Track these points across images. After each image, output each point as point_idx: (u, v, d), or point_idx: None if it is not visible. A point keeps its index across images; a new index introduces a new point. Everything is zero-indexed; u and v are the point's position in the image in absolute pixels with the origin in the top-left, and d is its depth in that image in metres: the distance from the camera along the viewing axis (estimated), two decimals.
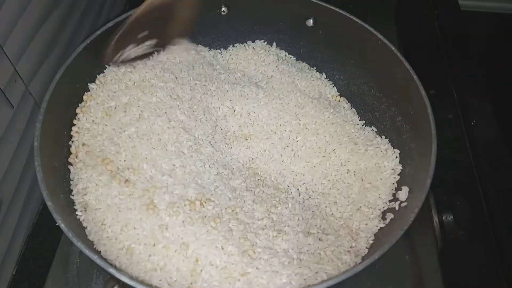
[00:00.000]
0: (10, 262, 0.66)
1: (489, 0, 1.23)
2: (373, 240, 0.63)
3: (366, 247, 0.62)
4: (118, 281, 0.49)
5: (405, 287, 0.67)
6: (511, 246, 0.70)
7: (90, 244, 0.57)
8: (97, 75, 0.71)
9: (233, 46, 0.82)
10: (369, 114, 0.76)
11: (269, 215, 0.62)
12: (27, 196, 0.69)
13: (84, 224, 0.59)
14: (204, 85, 0.74)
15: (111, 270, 0.49)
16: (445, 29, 1.00)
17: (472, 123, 0.84)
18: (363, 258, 0.60)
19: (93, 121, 0.67)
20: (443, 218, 0.68)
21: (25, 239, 0.69)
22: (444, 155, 0.77)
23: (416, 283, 0.67)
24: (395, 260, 0.68)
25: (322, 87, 0.80)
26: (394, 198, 0.66)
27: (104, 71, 0.72)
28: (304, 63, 0.82)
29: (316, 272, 0.58)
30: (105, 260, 0.54)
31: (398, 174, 0.68)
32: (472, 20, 1.12)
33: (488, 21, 1.25)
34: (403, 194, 0.64)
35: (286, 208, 0.64)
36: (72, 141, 0.66)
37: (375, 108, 0.75)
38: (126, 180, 0.61)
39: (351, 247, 0.62)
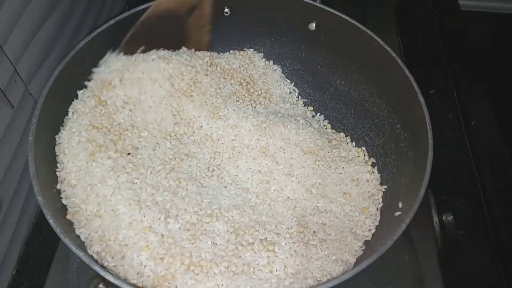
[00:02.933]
0: (10, 262, 0.66)
1: (489, 0, 1.23)
2: (363, 250, 0.63)
3: (356, 255, 0.63)
4: (103, 279, 0.49)
5: (405, 287, 0.67)
6: (511, 246, 0.70)
7: (80, 242, 0.57)
8: None
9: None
10: (368, 121, 0.76)
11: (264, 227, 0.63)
12: (27, 196, 0.69)
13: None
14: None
15: (96, 268, 0.49)
16: (445, 29, 1.00)
17: (472, 123, 0.84)
18: (354, 265, 0.61)
19: None
20: (443, 218, 0.68)
21: (25, 239, 0.69)
22: (444, 155, 0.77)
23: (416, 283, 0.67)
24: (395, 260, 0.68)
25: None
26: None
27: None
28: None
29: (313, 274, 0.58)
30: (91, 257, 0.54)
31: (392, 183, 0.69)
32: (472, 20, 1.12)
33: (488, 21, 1.25)
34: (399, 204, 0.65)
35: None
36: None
37: (375, 114, 0.75)
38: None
39: (346, 251, 0.62)
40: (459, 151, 0.81)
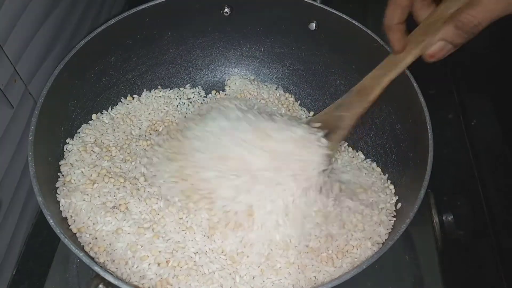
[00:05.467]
0: (10, 262, 0.66)
1: None
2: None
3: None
4: (103, 279, 0.49)
5: (405, 287, 0.67)
6: (511, 246, 0.70)
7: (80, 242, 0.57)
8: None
9: None
10: (369, 121, 0.76)
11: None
12: (27, 196, 0.69)
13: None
14: None
15: (96, 268, 0.49)
16: None
17: (472, 123, 0.84)
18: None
19: None
20: (443, 218, 0.68)
21: (25, 239, 0.69)
22: (444, 155, 0.77)
23: (416, 283, 0.67)
24: (395, 260, 0.68)
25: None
26: None
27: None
28: None
29: (315, 276, 0.58)
30: (91, 257, 0.53)
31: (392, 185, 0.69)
32: None
33: None
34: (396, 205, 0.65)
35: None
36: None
37: (375, 114, 0.74)
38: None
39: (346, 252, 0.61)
40: (459, 151, 0.81)
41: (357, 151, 0.76)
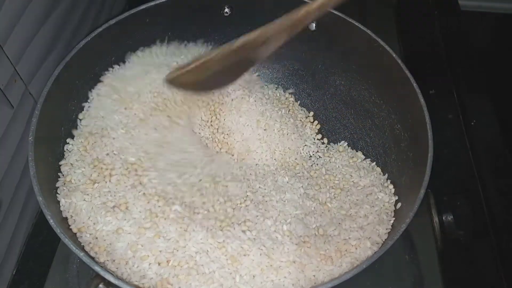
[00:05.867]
0: (10, 262, 0.66)
1: (489, 0, 1.23)
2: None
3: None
4: (103, 279, 0.49)
5: (405, 287, 0.67)
6: (511, 246, 0.70)
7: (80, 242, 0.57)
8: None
9: None
10: (369, 121, 0.76)
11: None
12: (27, 196, 0.69)
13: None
14: None
15: (96, 268, 0.49)
16: (445, 29, 1.00)
17: (472, 123, 0.84)
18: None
19: None
20: (443, 218, 0.68)
21: (25, 239, 0.69)
22: (444, 155, 0.77)
23: (416, 283, 0.67)
24: (395, 260, 0.68)
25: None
26: None
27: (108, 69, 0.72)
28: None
29: (315, 275, 0.58)
30: (91, 257, 0.53)
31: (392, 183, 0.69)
32: (472, 20, 1.12)
33: (488, 21, 1.25)
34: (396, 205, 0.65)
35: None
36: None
37: (375, 114, 0.75)
38: None
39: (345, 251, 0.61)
40: (459, 151, 0.81)
41: (357, 151, 0.76)
